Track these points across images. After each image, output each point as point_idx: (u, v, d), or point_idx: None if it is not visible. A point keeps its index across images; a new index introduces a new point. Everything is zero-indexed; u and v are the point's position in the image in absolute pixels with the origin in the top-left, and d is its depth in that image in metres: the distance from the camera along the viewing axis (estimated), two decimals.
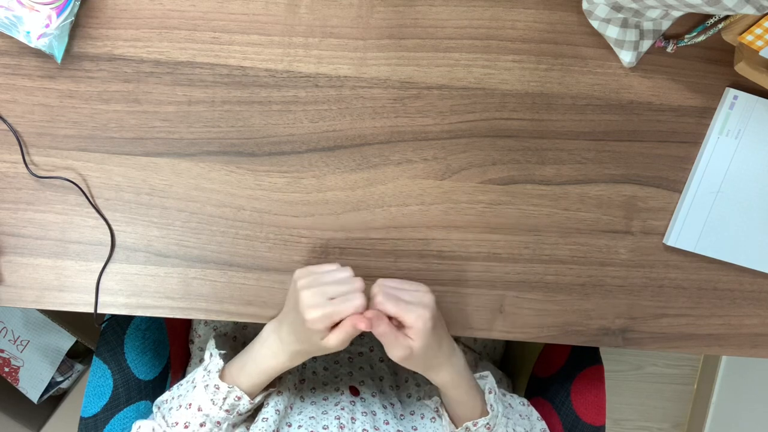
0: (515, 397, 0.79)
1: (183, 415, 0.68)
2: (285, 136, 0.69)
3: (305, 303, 0.62)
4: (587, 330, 0.75)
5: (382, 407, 0.75)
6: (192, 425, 0.68)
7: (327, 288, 0.62)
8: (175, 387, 0.73)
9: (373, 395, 0.77)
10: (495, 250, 0.73)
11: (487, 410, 0.69)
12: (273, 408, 0.70)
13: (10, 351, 1.26)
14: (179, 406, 0.69)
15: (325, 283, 0.63)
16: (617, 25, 0.66)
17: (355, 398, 0.75)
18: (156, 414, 0.72)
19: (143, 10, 0.66)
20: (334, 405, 0.74)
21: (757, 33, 0.64)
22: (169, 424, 0.69)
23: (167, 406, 0.71)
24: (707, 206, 0.72)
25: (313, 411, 0.73)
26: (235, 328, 0.91)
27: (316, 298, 0.62)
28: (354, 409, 0.73)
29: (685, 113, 0.72)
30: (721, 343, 0.77)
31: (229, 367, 0.69)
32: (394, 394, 0.79)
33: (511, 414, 0.74)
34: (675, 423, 1.67)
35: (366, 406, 0.74)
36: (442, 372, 0.67)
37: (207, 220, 0.70)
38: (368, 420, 0.72)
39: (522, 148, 0.71)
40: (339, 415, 0.72)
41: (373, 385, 0.79)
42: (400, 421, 0.75)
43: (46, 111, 0.67)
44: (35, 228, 0.69)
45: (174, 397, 0.71)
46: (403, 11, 0.68)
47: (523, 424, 0.75)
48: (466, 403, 0.69)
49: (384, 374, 0.82)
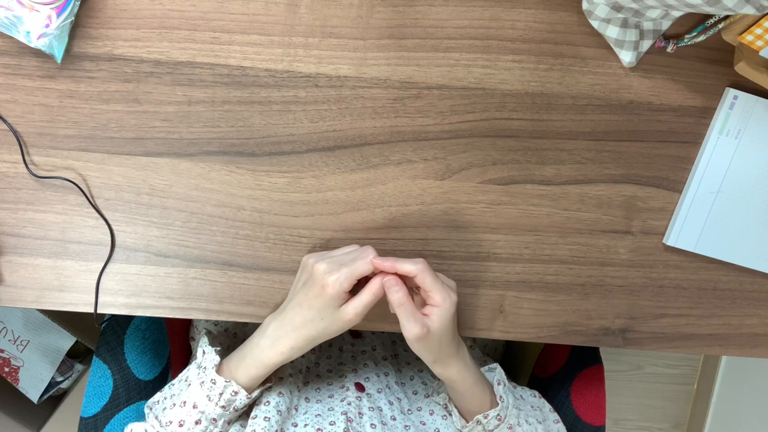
0: (526, 390, 0.79)
1: (177, 413, 0.67)
2: (285, 136, 0.69)
3: (321, 272, 0.62)
4: (587, 330, 0.75)
5: (389, 403, 0.75)
6: (187, 423, 0.67)
7: (339, 257, 0.64)
8: (167, 387, 0.72)
9: (379, 391, 0.77)
10: (495, 250, 0.73)
11: (496, 402, 0.69)
12: (275, 408, 0.70)
13: (10, 351, 1.26)
14: (173, 405, 0.68)
15: (336, 255, 0.64)
16: (617, 25, 0.66)
17: (362, 394, 0.75)
18: (148, 415, 0.70)
19: (143, 10, 0.66)
20: (341, 401, 0.73)
21: (757, 33, 0.64)
22: (163, 423, 0.67)
23: (160, 406, 0.70)
24: (707, 206, 0.72)
25: (319, 409, 0.72)
26: (235, 324, 0.91)
27: (332, 266, 0.63)
28: (361, 405, 0.73)
29: (685, 113, 0.72)
30: (721, 343, 0.77)
31: (226, 362, 0.69)
32: (400, 390, 0.79)
33: (523, 405, 0.74)
34: (675, 423, 1.67)
35: (372, 402, 0.74)
36: (450, 366, 0.67)
37: (207, 220, 0.70)
38: (375, 415, 0.72)
39: (522, 148, 0.71)
40: (346, 411, 0.71)
41: (378, 381, 0.79)
42: (408, 416, 0.74)
43: (46, 111, 0.67)
44: (35, 228, 0.70)
45: (167, 397, 0.70)
46: (403, 11, 0.68)
47: (536, 415, 0.74)
48: (474, 396, 0.69)
49: (389, 371, 0.82)
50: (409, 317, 0.62)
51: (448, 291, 0.63)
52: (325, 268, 0.63)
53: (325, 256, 0.65)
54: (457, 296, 0.64)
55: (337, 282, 0.62)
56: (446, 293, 0.63)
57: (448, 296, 0.63)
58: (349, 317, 0.63)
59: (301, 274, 0.67)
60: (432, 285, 0.62)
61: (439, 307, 0.62)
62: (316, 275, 0.63)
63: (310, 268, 0.64)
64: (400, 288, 0.62)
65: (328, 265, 0.63)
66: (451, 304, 0.63)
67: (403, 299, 0.62)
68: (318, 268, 0.63)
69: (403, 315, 0.62)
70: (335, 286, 0.62)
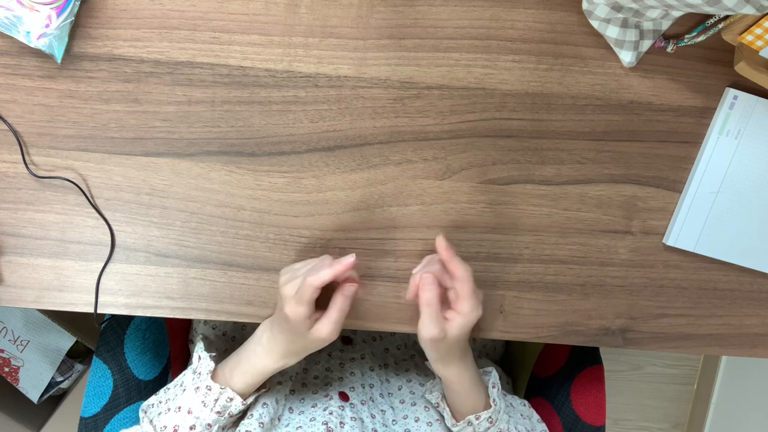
0: (516, 398, 0.79)
1: (172, 418, 0.67)
2: (285, 136, 0.69)
3: (284, 296, 0.62)
4: (587, 330, 0.75)
5: (371, 416, 0.74)
6: (182, 428, 0.67)
7: (296, 281, 0.63)
8: (162, 391, 0.72)
9: (362, 403, 0.76)
10: (495, 250, 0.73)
11: (489, 404, 0.69)
12: (257, 420, 0.69)
13: (10, 351, 1.26)
14: (168, 410, 0.68)
15: (300, 273, 0.64)
16: (617, 25, 0.66)
17: (345, 403, 0.75)
18: (143, 419, 0.70)
19: (143, 10, 0.66)
20: (323, 410, 0.73)
21: (757, 33, 0.64)
22: (158, 428, 0.68)
23: (155, 410, 0.70)
24: (707, 206, 0.72)
25: (301, 420, 0.72)
26: (234, 327, 0.91)
27: (292, 289, 0.62)
28: (343, 414, 0.73)
29: (685, 113, 0.72)
30: (721, 343, 0.77)
31: (221, 368, 0.69)
32: (385, 402, 0.79)
33: (513, 413, 0.74)
34: (675, 423, 1.67)
35: (355, 412, 0.74)
36: (452, 366, 0.67)
37: (207, 220, 0.70)
38: (357, 425, 0.71)
39: (522, 148, 0.71)
40: (327, 420, 0.71)
41: (362, 392, 0.78)
42: (391, 427, 0.74)
43: (46, 111, 0.67)
44: (35, 228, 0.69)
45: (162, 401, 0.70)
46: (403, 11, 0.68)
47: (525, 424, 0.74)
48: (469, 398, 0.69)
49: (374, 382, 0.81)
50: (432, 318, 0.62)
51: (478, 304, 0.63)
52: (287, 292, 0.62)
53: (291, 276, 0.64)
54: (482, 311, 0.64)
55: (293, 312, 0.61)
56: (475, 306, 0.63)
57: (476, 309, 0.63)
58: (323, 336, 0.63)
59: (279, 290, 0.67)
60: (469, 294, 0.63)
61: (463, 316, 0.63)
62: (282, 300, 0.63)
63: (280, 288, 0.64)
64: (434, 288, 0.62)
65: (290, 288, 0.62)
66: (476, 317, 0.63)
67: (432, 300, 0.62)
68: (282, 294, 0.63)
69: (426, 314, 0.62)
70: (294, 317, 0.61)
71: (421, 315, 0.63)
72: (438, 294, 0.63)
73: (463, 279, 0.63)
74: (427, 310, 0.62)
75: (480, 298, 0.65)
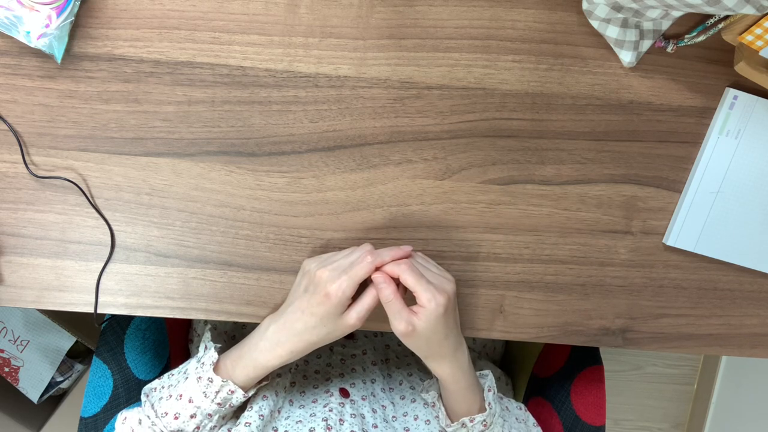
0: (512, 402, 0.79)
1: (173, 405, 0.68)
2: (285, 136, 0.69)
3: (324, 279, 0.62)
4: (587, 330, 0.75)
5: (372, 411, 0.74)
6: (182, 416, 0.67)
7: (340, 262, 0.63)
8: (166, 376, 0.72)
9: (363, 398, 0.76)
10: (495, 250, 0.73)
11: (485, 407, 0.69)
12: (257, 413, 0.69)
13: (10, 351, 1.26)
14: (169, 396, 0.68)
15: (336, 260, 0.64)
16: (617, 25, 0.66)
17: (345, 400, 0.75)
18: (144, 402, 0.71)
19: (143, 10, 0.66)
20: (323, 407, 0.73)
21: (757, 33, 0.64)
22: (158, 414, 0.68)
23: (157, 395, 0.71)
24: (707, 206, 0.72)
25: (301, 414, 0.72)
26: (234, 326, 0.91)
27: (334, 273, 0.62)
28: (343, 411, 0.73)
29: (685, 113, 0.72)
30: (721, 343, 0.77)
31: (224, 360, 0.69)
32: (386, 397, 0.79)
33: (508, 417, 0.74)
34: (675, 423, 1.67)
35: (355, 409, 0.74)
36: (444, 364, 0.67)
37: (207, 220, 0.70)
38: (357, 422, 0.71)
39: (522, 148, 0.71)
40: (326, 417, 0.71)
41: (363, 387, 0.78)
42: (392, 423, 0.74)
43: (46, 111, 0.67)
44: (35, 228, 0.70)
45: (164, 386, 0.71)
46: (403, 11, 0.68)
47: (519, 428, 0.74)
48: (464, 399, 0.69)
49: (376, 377, 0.81)
50: (395, 314, 0.62)
51: (434, 292, 0.62)
52: (327, 276, 0.62)
53: (326, 262, 0.64)
54: (446, 298, 0.62)
55: (340, 290, 0.61)
56: (431, 294, 0.62)
57: (434, 297, 0.62)
58: (352, 322, 0.63)
59: (301, 279, 0.66)
60: (415, 285, 0.62)
61: (424, 307, 0.62)
62: (318, 283, 0.63)
63: (312, 274, 0.64)
64: (388, 285, 0.63)
65: (330, 273, 0.62)
66: (437, 305, 0.62)
67: (390, 296, 0.62)
68: (320, 276, 0.63)
69: (389, 312, 0.63)
70: (338, 294, 0.62)
71: (387, 314, 0.63)
72: (394, 290, 0.63)
73: (401, 274, 0.63)
74: (388, 307, 0.63)
75: (442, 286, 0.63)
